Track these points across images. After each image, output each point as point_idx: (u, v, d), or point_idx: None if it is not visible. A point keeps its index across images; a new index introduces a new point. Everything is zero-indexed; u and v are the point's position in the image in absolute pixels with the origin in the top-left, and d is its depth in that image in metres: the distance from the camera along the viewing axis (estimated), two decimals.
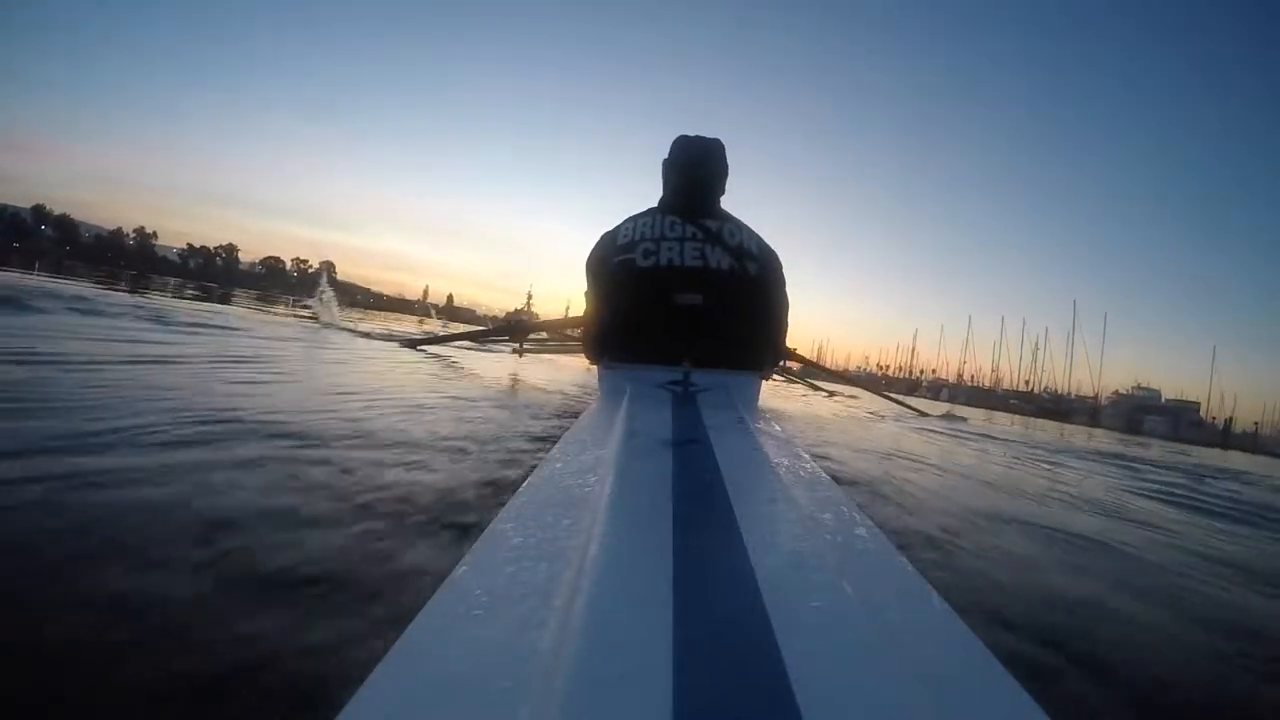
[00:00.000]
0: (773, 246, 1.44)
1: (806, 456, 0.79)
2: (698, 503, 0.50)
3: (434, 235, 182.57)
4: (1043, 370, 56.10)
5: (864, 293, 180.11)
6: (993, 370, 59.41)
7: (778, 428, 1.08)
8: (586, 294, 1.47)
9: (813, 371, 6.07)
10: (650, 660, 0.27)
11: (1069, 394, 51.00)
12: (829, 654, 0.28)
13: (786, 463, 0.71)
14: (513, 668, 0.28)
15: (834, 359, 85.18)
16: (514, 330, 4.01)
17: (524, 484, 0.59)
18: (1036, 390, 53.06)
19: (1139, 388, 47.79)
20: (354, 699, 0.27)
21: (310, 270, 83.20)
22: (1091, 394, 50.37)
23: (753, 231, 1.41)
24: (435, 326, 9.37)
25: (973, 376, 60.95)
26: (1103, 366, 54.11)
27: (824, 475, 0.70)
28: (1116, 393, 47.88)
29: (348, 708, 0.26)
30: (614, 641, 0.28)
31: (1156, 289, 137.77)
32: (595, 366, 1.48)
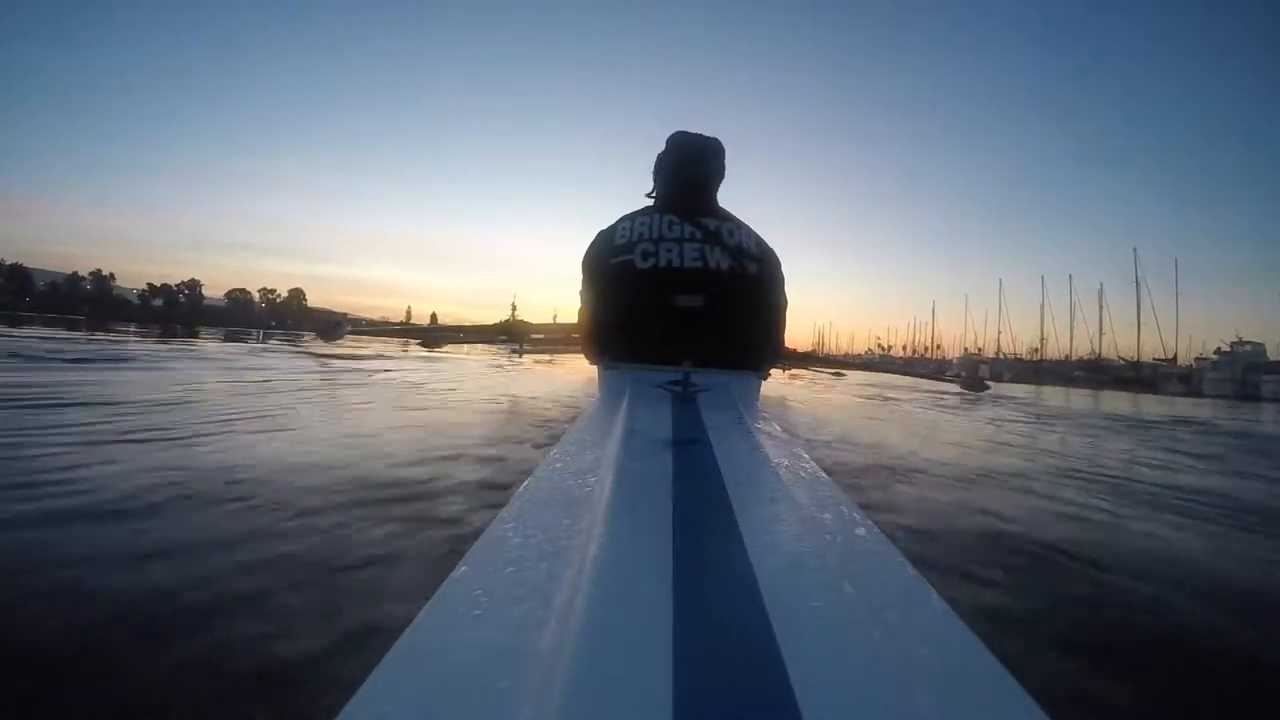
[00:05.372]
0: (770, 244, 1.44)
1: (806, 456, 0.79)
2: (698, 503, 0.50)
3: (415, 258, 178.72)
4: (1102, 333, 45.91)
5: (868, 270, 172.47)
6: (1041, 339, 49.76)
7: (778, 428, 1.08)
8: (582, 293, 1.47)
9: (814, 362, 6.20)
10: (650, 660, 0.27)
11: (1142, 359, 40.73)
12: (829, 654, 0.28)
13: (786, 463, 0.71)
14: (513, 668, 0.28)
15: (836, 344, 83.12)
16: (513, 333, 4.03)
17: (524, 484, 0.59)
18: (1099, 357, 43.36)
19: (1240, 342, 35.72)
20: (354, 699, 0.27)
21: (279, 300, 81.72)
22: (1167, 356, 40.43)
23: (751, 230, 1.40)
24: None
25: (1010, 348, 52.19)
26: (1179, 324, 43.92)
27: (824, 475, 0.70)
28: (1219, 350, 36.42)
29: (348, 708, 0.26)
30: (614, 641, 0.28)
31: (1216, 230, 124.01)
32: (595, 366, 1.48)
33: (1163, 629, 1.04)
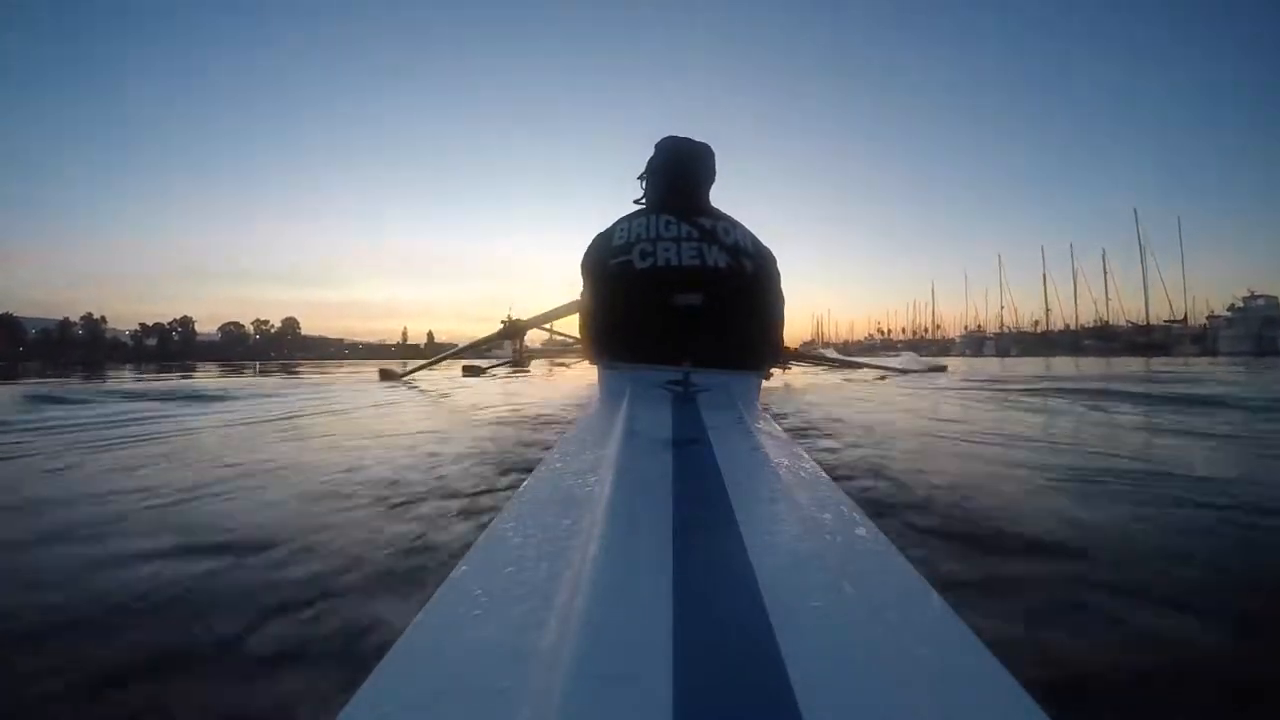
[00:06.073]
0: (766, 240, 1.45)
1: (806, 456, 0.79)
2: (698, 503, 0.50)
3: (408, 275, 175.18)
4: (1108, 300, 44.87)
5: (865, 255, 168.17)
6: (1045, 310, 48.10)
7: (778, 427, 1.08)
8: (582, 294, 1.47)
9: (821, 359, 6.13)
10: (650, 660, 0.27)
11: (1151, 323, 39.45)
12: (829, 654, 0.28)
13: (786, 463, 0.71)
14: (513, 668, 0.28)
15: (835, 333, 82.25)
16: (513, 333, 3.89)
17: (524, 484, 0.59)
18: (1107, 324, 42.31)
19: (1253, 296, 34.23)
20: (354, 699, 0.27)
21: (272, 330, 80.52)
22: (1176, 318, 39.24)
23: (746, 229, 1.41)
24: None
25: (1014, 322, 50.65)
26: (1185, 284, 43.02)
27: (824, 475, 0.70)
28: (1231, 306, 35.39)
29: (348, 708, 0.26)
30: (614, 641, 0.28)
31: (1216, 185, 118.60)
32: (595, 366, 1.48)
33: None
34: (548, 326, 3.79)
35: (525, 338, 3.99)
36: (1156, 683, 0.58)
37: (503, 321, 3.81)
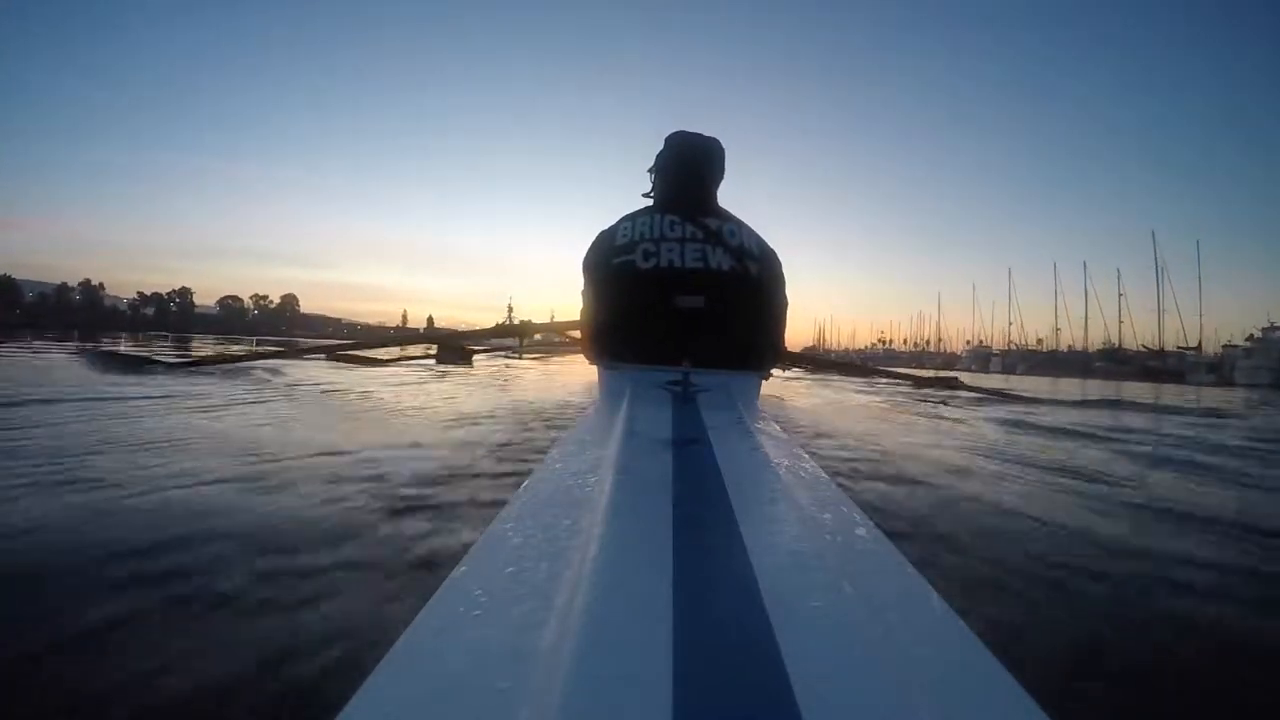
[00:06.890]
0: (771, 243, 1.44)
1: (806, 456, 0.79)
2: (698, 503, 0.50)
3: (411, 261, 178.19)
4: (1120, 322, 44.35)
5: (871, 264, 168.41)
6: (1055, 329, 47.94)
7: (777, 428, 1.08)
8: (583, 293, 1.47)
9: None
10: (650, 660, 0.27)
11: (1164, 348, 38.92)
12: (829, 654, 0.28)
13: (786, 463, 0.71)
14: (513, 668, 0.28)
15: (837, 340, 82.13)
16: (517, 332, 4.17)
17: (524, 484, 0.59)
18: (1120, 346, 41.79)
19: (1272, 327, 33.05)
20: (354, 699, 0.27)
21: (271, 306, 79.87)
22: (1190, 344, 38.41)
23: (753, 231, 1.40)
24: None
25: (1020, 339, 50.49)
26: (1202, 309, 41.68)
27: (824, 475, 0.70)
28: (1250, 336, 34.52)
29: (348, 707, 0.26)
30: (614, 641, 0.28)
31: (1239, 211, 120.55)
32: (595, 367, 1.48)
33: None
34: (540, 338, 4.08)
35: (524, 336, 4.30)
36: None
37: (510, 320, 4.03)
